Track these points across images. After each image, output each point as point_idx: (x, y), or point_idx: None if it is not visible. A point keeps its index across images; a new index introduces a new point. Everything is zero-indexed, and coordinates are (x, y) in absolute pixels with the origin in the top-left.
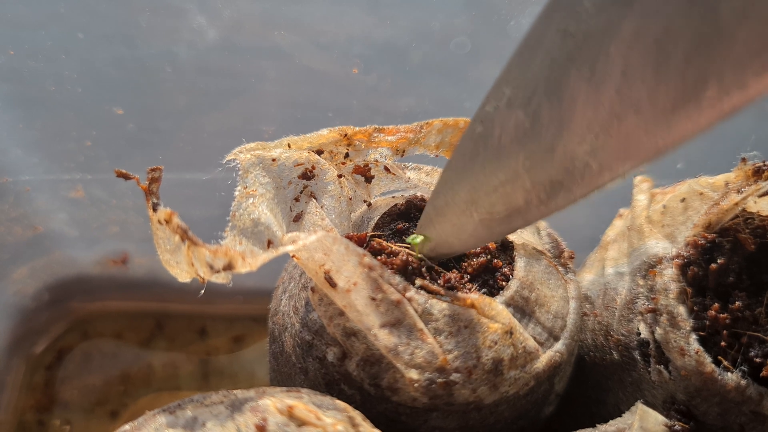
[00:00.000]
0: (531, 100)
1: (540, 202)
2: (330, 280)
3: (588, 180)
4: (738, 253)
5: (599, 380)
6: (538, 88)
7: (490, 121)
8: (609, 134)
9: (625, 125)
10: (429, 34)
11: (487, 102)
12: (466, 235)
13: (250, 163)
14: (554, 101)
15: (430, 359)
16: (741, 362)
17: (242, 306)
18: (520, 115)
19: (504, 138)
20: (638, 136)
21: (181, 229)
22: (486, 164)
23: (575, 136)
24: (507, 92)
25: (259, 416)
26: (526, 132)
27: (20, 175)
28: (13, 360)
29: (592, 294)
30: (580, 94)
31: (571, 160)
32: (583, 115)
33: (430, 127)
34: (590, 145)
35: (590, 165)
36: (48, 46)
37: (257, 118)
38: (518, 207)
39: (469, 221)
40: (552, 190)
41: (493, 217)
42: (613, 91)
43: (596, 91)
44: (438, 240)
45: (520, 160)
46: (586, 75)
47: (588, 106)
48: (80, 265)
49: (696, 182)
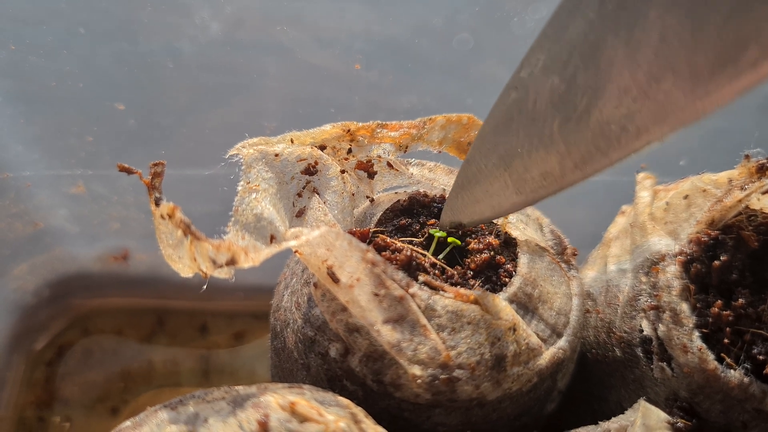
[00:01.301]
0: (567, 65)
1: (575, 167)
2: (333, 275)
3: (625, 143)
4: (741, 251)
5: (601, 377)
6: (574, 53)
7: (525, 87)
8: (647, 97)
9: (664, 88)
10: (431, 30)
11: (521, 68)
12: (499, 202)
13: (253, 158)
14: (591, 65)
15: (433, 355)
16: (744, 359)
17: (243, 302)
18: (555, 80)
19: (539, 103)
20: (677, 99)
21: (184, 223)
22: (520, 129)
23: (612, 100)
24: (542, 57)
25: (261, 412)
26: (562, 97)
27: (21, 171)
28: (14, 356)
29: (594, 291)
30: (618, 58)
31: (608, 123)
32: (621, 79)
33: (433, 123)
34: (627, 108)
35: (627, 128)
36: (49, 42)
37: (259, 114)
38: (553, 171)
39: (503, 187)
40: (588, 154)
41: (527, 183)
42: (652, 54)
43: (634, 54)
44: (469, 208)
45: (555, 124)
46: (623, 38)
47: (625, 70)
48: (81, 262)
49: (699, 179)
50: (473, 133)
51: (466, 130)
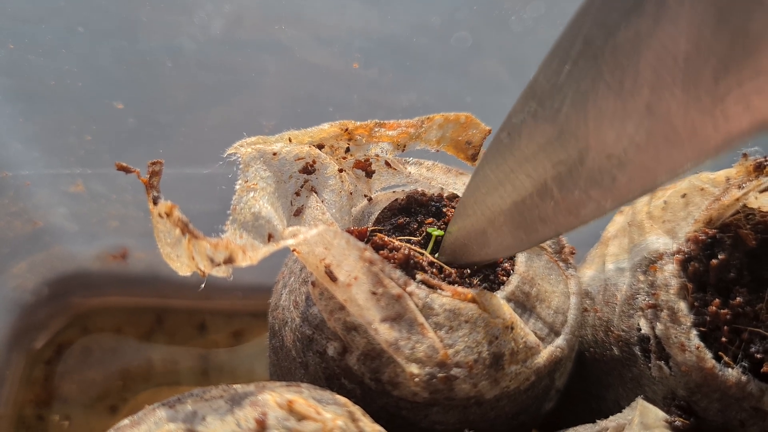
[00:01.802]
0: (558, 113)
1: (569, 213)
2: (331, 274)
3: (617, 192)
4: (739, 249)
5: (599, 376)
6: (565, 101)
7: (518, 132)
8: (637, 148)
9: (654, 139)
10: (430, 28)
11: (514, 113)
12: (493, 244)
13: (251, 157)
14: (582, 114)
15: (431, 354)
16: (742, 358)
17: (241, 301)
18: (547, 127)
19: (531, 149)
20: (667, 150)
21: (182, 222)
22: (513, 174)
23: (603, 149)
24: (534, 104)
25: (258, 410)
26: (554, 144)
27: (20, 170)
28: (13, 354)
29: (592, 290)
30: (609, 108)
31: (599, 172)
32: (612, 129)
33: (431, 122)
34: (618, 158)
35: (618, 178)
36: (48, 40)
37: (258, 112)
38: (546, 217)
39: (496, 230)
40: (581, 201)
41: (521, 227)
42: (642, 106)
43: (625, 105)
44: (464, 247)
45: (547, 170)
46: (615, 89)
47: (616, 120)
48: (80, 260)
49: (697, 178)
50: (471, 131)
51: (464, 129)
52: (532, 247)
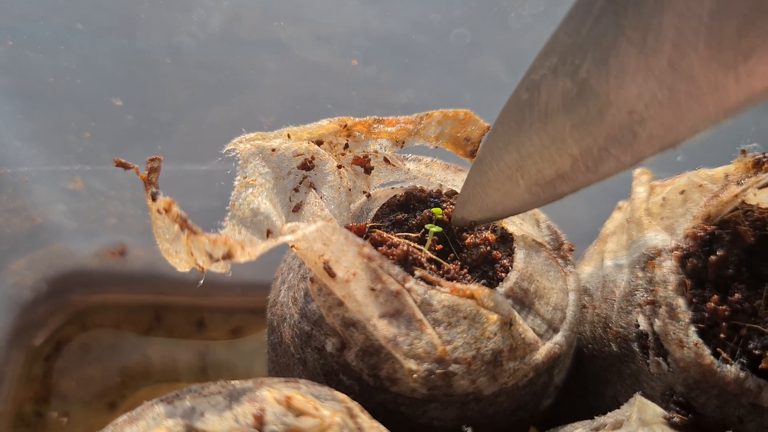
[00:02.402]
0: (579, 69)
1: (587, 169)
2: (329, 270)
3: (637, 148)
4: (737, 246)
5: (598, 372)
6: (586, 57)
7: (537, 89)
8: (659, 104)
9: (676, 95)
10: (429, 25)
11: (533, 70)
12: (511, 201)
13: (250, 153)
14: (603, 70)
15: (430, 350)
16: (740, 354)
17: (240, 298)
18: (567, 83)
19: (551, 105)
20: (688, 106)
21: (181, 217)
22: (532, 131)
23: (624, 105)
24: (554, 60)
25: (257, 406)
26: (574, 100)
27: (19, 167)
28: (12, 351)
29: (591, 286)
30: (631, 64)
31: (620, 128)
32: (633, 85)
33: (430, 118)
34: (640, 114)
35: (639, 134)
36: (47, 38)
37: (256, 109)
38: (565, 173)
39: (514, 187)
40: (600, 158)
41: (539, 184)
42: (665, 62)
43: (647, 61)
44: (480, 207)
45: (567, 127)
46: (637, 45)
47: (638, 76)
48: (79, 257)
49: (695, 174)
50: (470, 128)
51: (463, 125)
52: (549, 203)
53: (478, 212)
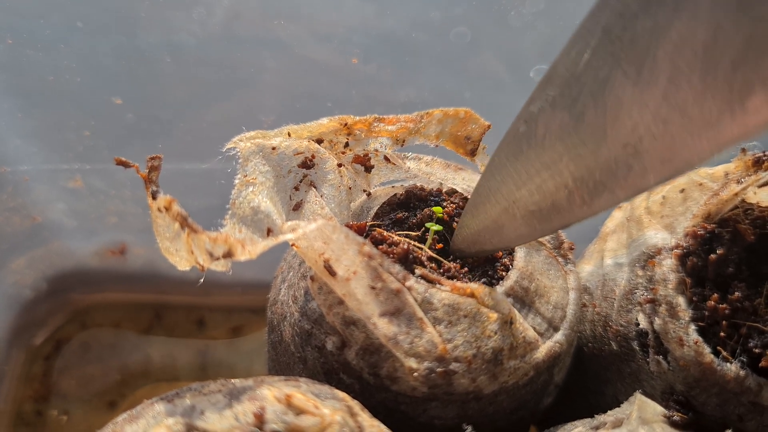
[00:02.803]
0: (576, 101)
1: (583, 203)
2: (329, 268)
3: (631, 182)
4: (737, 244)
5: (598, 371)
6: (583, 89)
7: (534, 121)
8: (653, 137)
9: (671, 129)
10: (429, 23)
11: (531, 102)
12: (507, 233)
13: (250, 151)
14: (599, 103)
15: (430, 348)
16: (740, 353)
17: (240, 297)
18: (564, 115)
19: (548, 138)
20: (683, 140)
21: (181, 216)
22: (529, 163)
23: (619, 139)
24: (552, 92)
25: (257, 405)
26: (570, 133)
27: (19, 165)
28: (12, 350)
29: (590, 285)
30: (626, 97)
31: (615, 161)
32: (628, 118)
33: (430, 117)
34: (634, 147)
35: (634, 167)
36: (47, 36)
37: (256, 108)
38: (561, 206)
39: (511, 220)
40: (595, 191)
41: (535, 216)
42: (659, 95)
43: (642, 95)
44: (477, 237)
45: (563, 160)
46: (632, 78)
47: (633, 109)
48: (79, 256)
49: (695, 173)
50: (471, 127)
51: (464, 124)
52: (545, 235)
53: (475, 245)
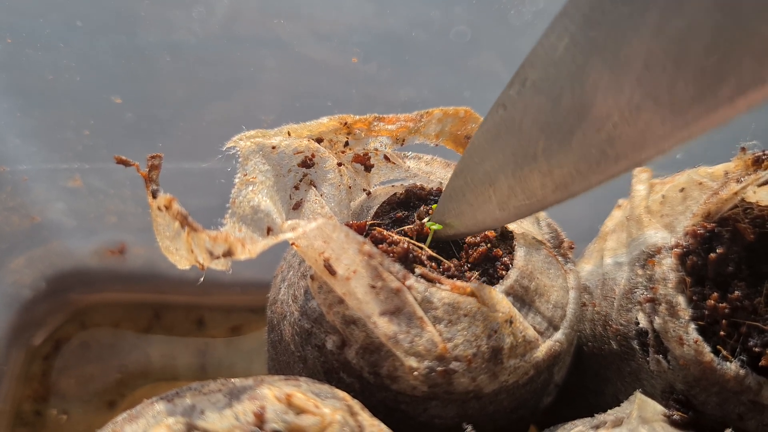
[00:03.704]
0: (554, 85)
1: (556, 188)
2: (329, 267)
3: (604, 168)
4: (737, 243)
5: (598, 370)
6: (561, 74)
7: (513, 105)
8: (627, 123)
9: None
10: (429, 23)
11: (510, 86)
12: (483, 216)
13: (250, 150)
14: (577, 87)
15: (430, 347)
16: (740, 352)
17: (240, 297)
18: (542, 99)
19: (525, 122)
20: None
21: (181, 214)
22: (506, 147)
23: (594, 124)
24: (531, 76)
25: (257, 404)
26: (548, 117)
27: (18, 165)
28: (11, 350)
29: (590, 284)
30: (603, 82)
31: (589, 147)
32: (604, 103)
33: (430, 116)
34: (608, 133)
35: (607, 153)
36: (46, 35)
37: (256, 107)
38: (535, 191)
39: (486, 202)
40: (569, 176)
41: (509, 200)
42: (635, 81)
43: (618, 80)
44: (454, 220)
45: (539, 144)
46: (609, 63)
47: (609, 94)
48: (78, 256)
49: (695, 172)
50: (470, 126)
51: (463, 123)
52: (520, 219)
53: (452, 226)
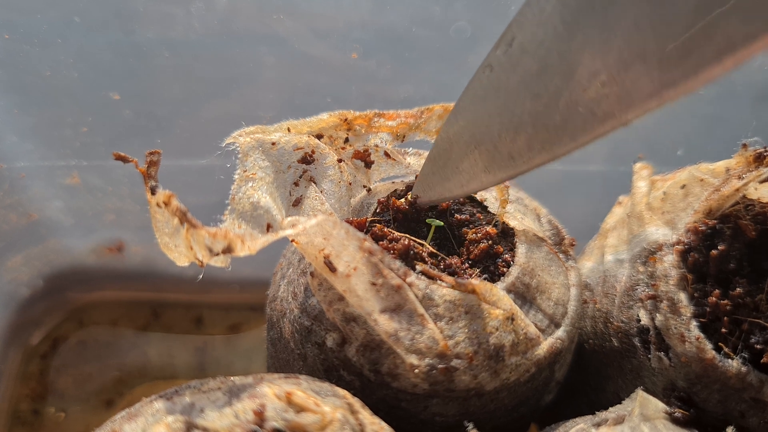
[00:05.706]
0: (541, 45)
1: (543, 148)
2: (330, 264)
3: (591, 127)
4: (739, 240)
5: (599, 368)
6: (548, 33)
7: (500, 65)
8: (614, 82)
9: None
10: (429, 19)
11: (497, 46)
12: (468, 179)
13: (250, 146)
14: (564, 47)
15: (431, 345)
16: (742, 349)
17: (238, 295)
18: (529, 60)
19: (512, 82)
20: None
21: (180, 211)
22: (493, 108)
23: (582, 83)
24: (519, 36)
25: (257, 402)
26: (535, 76)
27: (15, 162)
28: (8, 349)
29: (591, 281)
30: (591, 41)
31: (575, 106)
32: (592, 62)
33: (430, 112)
34: (595, 92)
35: (594, 112)
36: (44, 31)
37: (255, 104)
38: (521, 152)
39: (472, 165)
40: (556, 137)
41: (495, 162)
42: (623, 40)
43: (607, 39)
44: (440, 184)
45: (526, 104)
46: (598, 22)
47: (597, 53)
48: (76, 254)
49: (696, 169)
50: None
51: None
52: (505, 182)
53: (437, 191)
